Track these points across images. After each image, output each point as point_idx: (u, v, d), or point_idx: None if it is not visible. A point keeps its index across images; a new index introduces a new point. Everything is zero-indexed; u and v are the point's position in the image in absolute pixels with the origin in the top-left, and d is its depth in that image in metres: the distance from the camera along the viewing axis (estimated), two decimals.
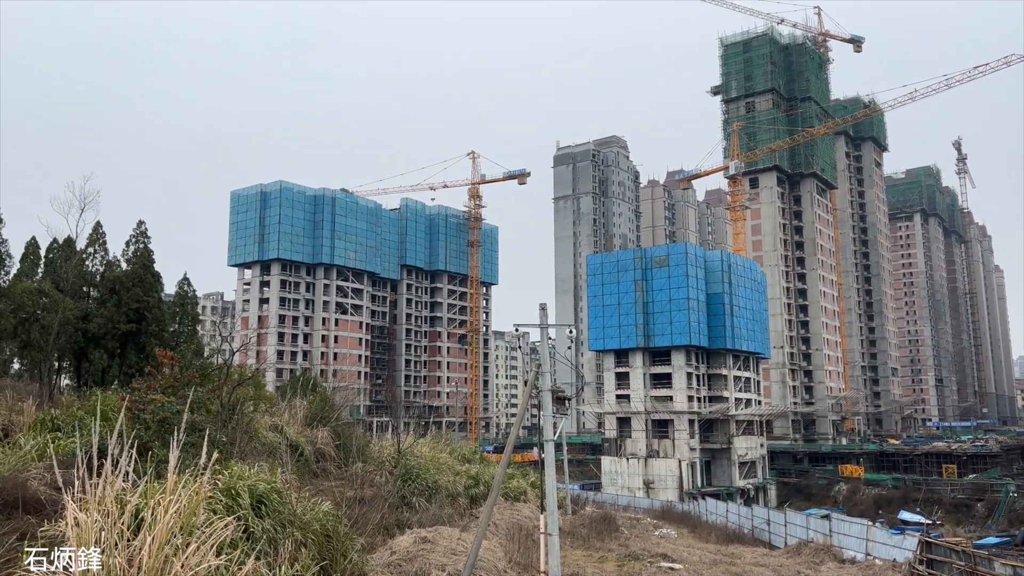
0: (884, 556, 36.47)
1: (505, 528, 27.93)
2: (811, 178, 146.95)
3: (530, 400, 20.67)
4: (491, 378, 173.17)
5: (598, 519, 38.79)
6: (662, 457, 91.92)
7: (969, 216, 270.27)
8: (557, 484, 47.62)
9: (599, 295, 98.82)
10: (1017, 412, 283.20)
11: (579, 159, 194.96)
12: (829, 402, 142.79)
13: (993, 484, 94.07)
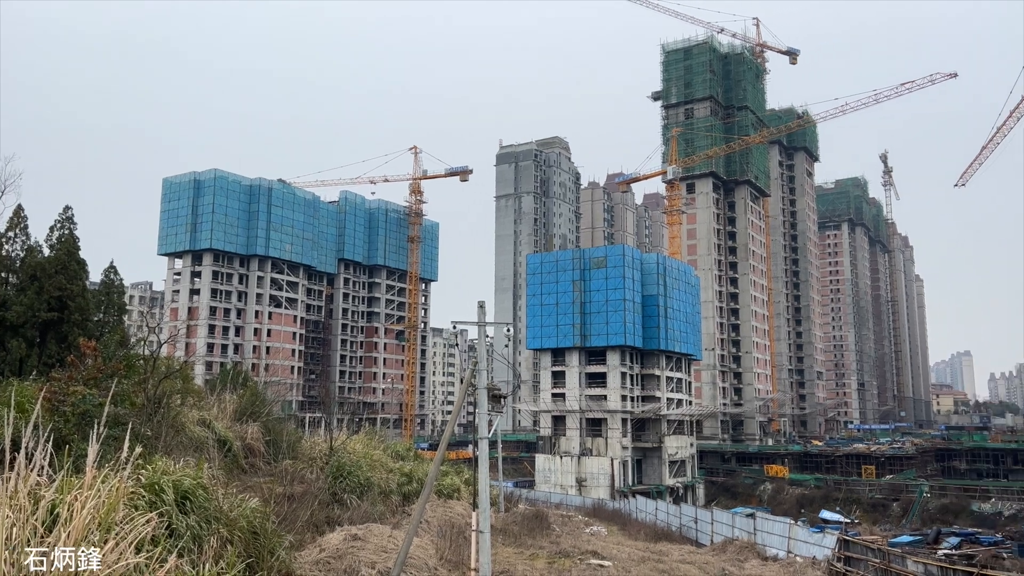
0: (805, 554, 37.72)
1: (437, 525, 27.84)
2: (745, 185, 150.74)
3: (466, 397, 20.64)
4: (428, 375, 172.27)
5: (530, 517, 38.97)
6: (595, 455, 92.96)
7: (893, 227, 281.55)
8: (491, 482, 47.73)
9: (538, 294, 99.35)
10: (932, 416, 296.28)
11: (521, 158, 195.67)
12: (757, 404, 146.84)
13: (908, 485, 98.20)
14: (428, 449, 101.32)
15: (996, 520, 79.94)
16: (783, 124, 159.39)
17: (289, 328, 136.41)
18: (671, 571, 29.58)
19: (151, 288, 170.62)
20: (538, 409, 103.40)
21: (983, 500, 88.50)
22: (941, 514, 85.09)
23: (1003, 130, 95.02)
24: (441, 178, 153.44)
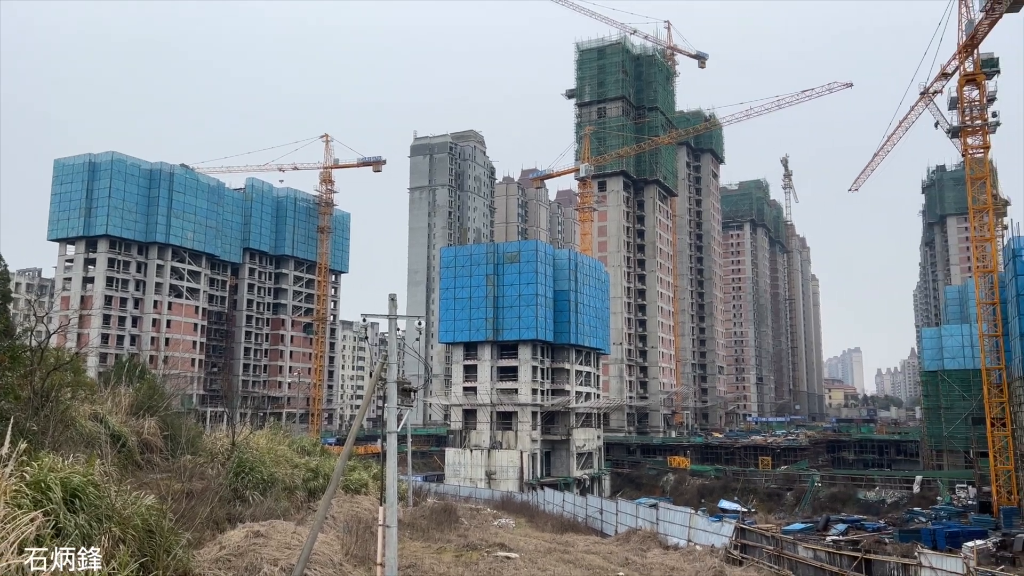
0: (704, 542, 39.12)
1: (344, 521, 27.49)
2: (654, 185, 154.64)
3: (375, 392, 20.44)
4: (337, 369, 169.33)
5: (439, 510, 38.96)
6: (505, 448, 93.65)
7: (792, 228, 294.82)
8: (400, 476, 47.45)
9: (451, 288, 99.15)
10: (825, 409, 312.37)
11: (436, 151, 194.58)
12: (661, 397, 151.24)
13: (801, 475, 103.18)
14: (336, 444, 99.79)
15: (880, 507, 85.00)
16: (691, 126, 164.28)
17: (190, 319, 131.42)
18: (576, 561, 30.14)
19: (40, 275, 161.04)
20: (449, 403, 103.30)
21: (868, 489, 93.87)
22: (831, 502, 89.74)
23: (892, 139, 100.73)
24: (353, 168, 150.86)
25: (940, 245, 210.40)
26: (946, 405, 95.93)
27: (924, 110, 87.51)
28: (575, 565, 29.17)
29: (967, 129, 73.91)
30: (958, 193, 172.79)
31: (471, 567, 25.97)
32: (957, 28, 73.07)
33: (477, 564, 26.64)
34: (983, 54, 75.18)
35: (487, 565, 26.47)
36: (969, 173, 75.49)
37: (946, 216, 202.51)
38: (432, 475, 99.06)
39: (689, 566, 31.63)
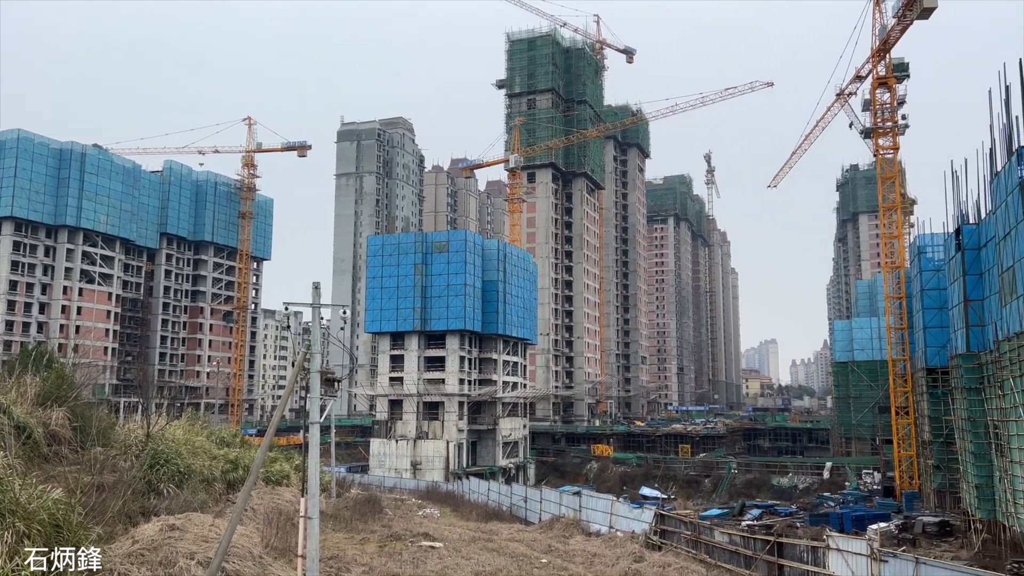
0: (625, 528, 39.93)
1: (264, 513, 27.03)
2: (582, 177, 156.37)
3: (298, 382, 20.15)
4: (258, 358, 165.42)
5: (363, 501, 38.70)
6: (431, 439, 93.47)
7: (713, 223, 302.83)
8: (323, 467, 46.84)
9: (378, 277, 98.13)
10: (742, 398, 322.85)
11: (364, 137, 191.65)
12: (586, 386, 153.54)
13: (719, 462, 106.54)
14: (256, 435, 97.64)
15: (792, 493, 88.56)
16: (619, 120, 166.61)
17: (103, 306, 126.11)
18: (500, 549, 30.41)
19: None
20: (375, 393, 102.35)
21: (782, 475, 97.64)
22: (746, 488, 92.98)
23: (810, 138, 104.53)
24: (277, 152, 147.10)
25: (852, 241, 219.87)
26: (855, 395, 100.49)
27: (840, 111, 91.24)
28: (499, 553, 29.43)
29: (879, 130, 77.26)
30: (869, 192, 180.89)
31: (394, 557, 25.90)
32: (871, 33, 76.28)
33: (401, 554, 26.60)
34: (895, 59, 78.68)
35: (411, 555, 26.46)
36: (880, 172, 79.00)
37: (858, 214, 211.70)
38: (357, 466, 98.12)
39: (610, 552, 32.29)
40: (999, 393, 41.12)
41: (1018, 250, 35.93)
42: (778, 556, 31.27)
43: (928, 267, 60.54)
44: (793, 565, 30.61)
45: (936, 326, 59.13)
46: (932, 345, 59.73)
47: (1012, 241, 37.13)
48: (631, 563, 29.83)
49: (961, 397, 50.22)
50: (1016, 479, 38.61)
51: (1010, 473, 39.84)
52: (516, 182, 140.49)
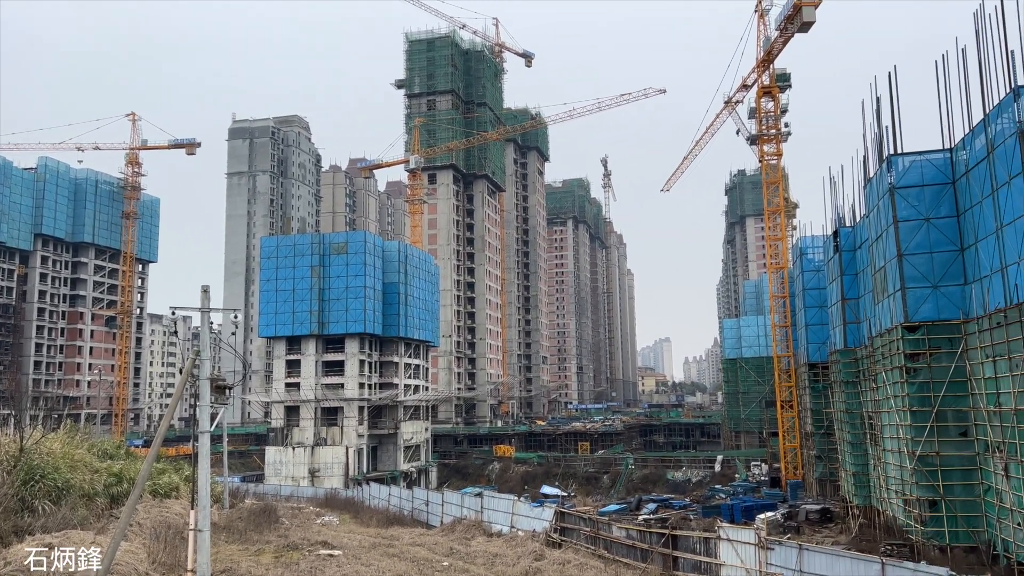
0: (527, 527, 40.37)
1: (151, 527, 25.83)
2: (483, 179, 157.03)
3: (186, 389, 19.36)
4: (145, 366, 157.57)
5: (257, 511, 37.55)
6: (330, 445, 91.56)
7: (610, 225, 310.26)
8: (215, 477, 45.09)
9: (273, 279, 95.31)
10: (638, 395, 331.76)
11: (257, 135, 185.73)
12: (489, 387, 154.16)
13: (617, 458, 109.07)
14: (143, 446, 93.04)
15: (686, 486, 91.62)
16: (518, 123, 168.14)
17: None
18: (401, 554, 30.15)
19: None
20: (270, 400, 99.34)
21: (676, 469, 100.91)
22: (643, 483, 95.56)
23: (700, 143, 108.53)
24: (164, 149, 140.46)
25: (740, 243, 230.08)
26: (743, 390, 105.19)
27: (728, 118, 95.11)
28: (400, 558, 29.17)
29: (763, 137, 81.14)
30: (755, 196, 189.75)
31: (291, 567, 25.26)
32: (756, 44, 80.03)
33: (298, 564, 25.96)
34: (777, 69, 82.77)
35: (308, 564, 25.86)
36: (765, 178, 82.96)
37: (745, 216, 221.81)
38: (251, 475, 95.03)
39: (511, 551, 32.56)
40: (873, 386, 43.96)
41: (889, 251, 38.49)
42: (673, 548, 32.35)
43: (809, 268, 64.02)
44: (687, 556, 31.73)
45: (817, 323, 62.61)
46: (813, 342, 63.19)
47: (883, 243, 39.76)
48: (532, 562, 30.16)
49: (839, 390, 53.40)
50: (888, 467, 41.38)
51: (883, 461, 42.65)
52: (417, 183, 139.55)
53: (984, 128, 32.74)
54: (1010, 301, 30.09)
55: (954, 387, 35.20)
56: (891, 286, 38.46)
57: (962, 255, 35.81)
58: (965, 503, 34.66)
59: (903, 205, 37.11)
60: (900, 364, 37.17)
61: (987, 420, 33.00)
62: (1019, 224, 29.21)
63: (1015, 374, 29.82)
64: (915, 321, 36.27)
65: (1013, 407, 30.08)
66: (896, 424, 38.75)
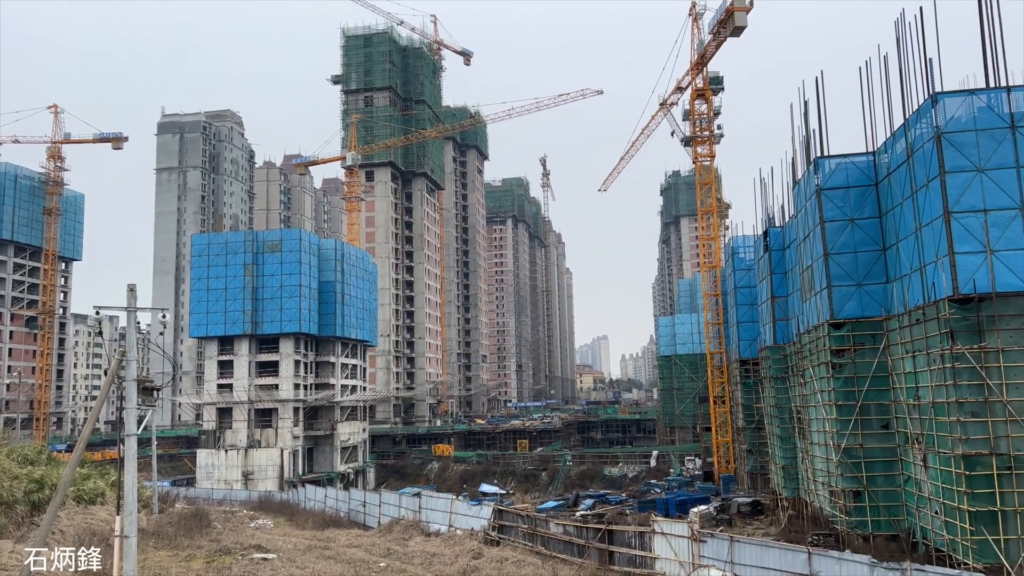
0: (465, 526, 40.36)
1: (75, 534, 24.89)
2: (422, 177, 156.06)
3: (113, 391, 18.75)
4: (68, 367, 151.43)
5: (188, 516, 36.57)
6: (264, 447, 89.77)
7: (549, 224, 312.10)
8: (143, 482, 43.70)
9: (204, 278, 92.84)
10: (577, 393, 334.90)
11: (188, 129, 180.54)
12: (428, 387, 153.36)
13: (555, 455, 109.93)
14: (66, 451, 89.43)
15: (623, 481, 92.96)
16: (457, 122, 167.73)
17: None
18: (338, 556, 29.77)
19: None
20: (202, 402, 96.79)
21: (613, 465, 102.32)
22: (581, 479, 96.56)
23: (636, 144, 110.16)
24: (89, 143, 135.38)
25: (675, 242, 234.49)
26: (678, 386, 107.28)
27: (663, 119, 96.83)
28: (336, 560, 28.80)
29: (697, 139, 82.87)
30: (690, 196, 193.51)
31: (223, 573, 24.68)
32: (690, 47, 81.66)
33: (231, 569, 25.38)
34: (711, 72, 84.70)
35: (241, 568, 25.31)
36: (698, 179, 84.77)
37: (680, 217, 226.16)
38: (182, 479, 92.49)
39: (449, 550, 32.48)
40: (801, 381, 45.39)
41: (816, 251, 39.79)
42: (609, 543, 32.79)
43: (741, 266, 65.68)
44: (623, 551, 32.21)
45: (748, 321, 64.32)
46: (744, 338, 64.89)
47: (811, 243, 41.09)
48: (470, 560, 30.16)
49: (769, 386, 54.94)
50: (815, 459, 42.78)
51: (810, 454, 44.09)
52: (354, 180, 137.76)
53: (904, 132, 34.10)
54: (928, 299, 31.42)
55: (877, 382, 36.58)
56: (817, 284, 39.76)
57: (884, 255, 37.25)
58: (887, 493, 36.09)
59: (829, 206, 38.38)
60: (826, 360, 38.45)
61: (907, 413, 34.42)
62: (936, 225, 30.53)
63: (933, 369, 31.16)
64: (840, 318, 37.56)
65: (931, 400, 31.44)
66: (822, 418, 40.09)
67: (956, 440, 29.13)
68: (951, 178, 29.90)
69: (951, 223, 29.57)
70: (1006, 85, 30.45)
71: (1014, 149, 29.82)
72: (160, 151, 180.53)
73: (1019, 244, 29.22)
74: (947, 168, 29.95)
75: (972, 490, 28.40)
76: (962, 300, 29.36)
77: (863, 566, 24.47)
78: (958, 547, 29.13)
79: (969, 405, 29.09)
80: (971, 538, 28.18)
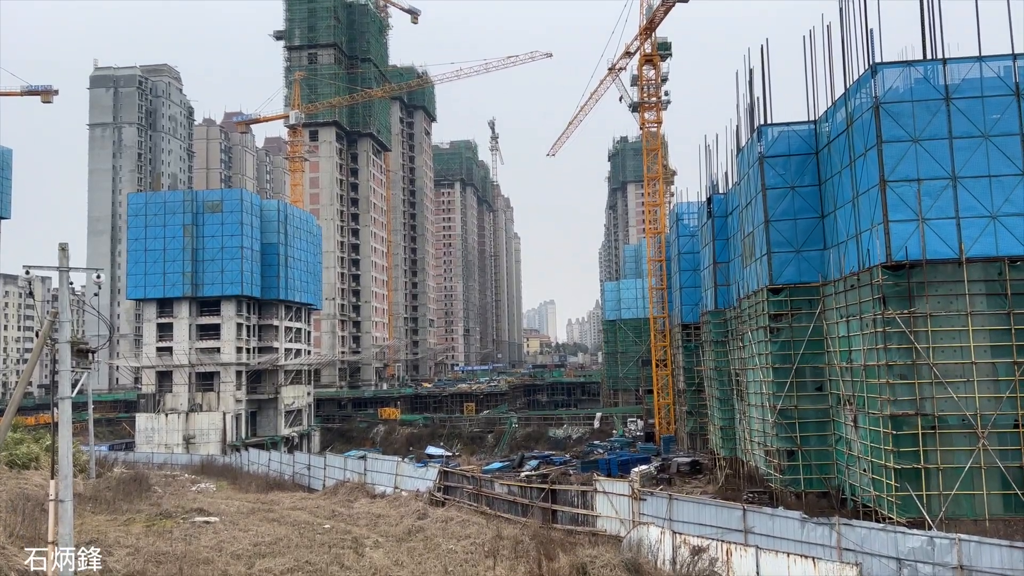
0: (411, 488, 40.62)
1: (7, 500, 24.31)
2: (368, 138, 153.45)
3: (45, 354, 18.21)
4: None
5: (127, 480, 36.02)
6: (206, 411, 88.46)
7: (498, 188, 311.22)
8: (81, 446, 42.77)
9: (142, 238, 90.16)
10: (524, 356, 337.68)
11: (123, 84, 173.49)
12: (374, 351, 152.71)
13: (501, 418, 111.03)
14: None
15: (567, 443, 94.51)
16: (404, 82, 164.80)
17: None
18: (282, 519, 29.72)
19: None
20: (140, 365, 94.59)
21: (558, 427, 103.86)
22: (526, 441, 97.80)
23: (585, 108, 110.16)
24: (16, 96, 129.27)
25: (621, 208, 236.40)
26: (622, 350, 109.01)
27: (612, 85, 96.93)
28: (280, 523, 28.75)
29: (644, 104, 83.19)
30: (637, 162, 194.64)
31: (164, 536, 24.42)
32: (639, 12, 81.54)
33: (171, 532, 25.13)
34: (659, 38, 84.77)
35: (183, 532, 25.08)
36: (645, 145, 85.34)
37: (627, 183, 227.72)
38: (121, 443, 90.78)
39: (395, 511, 32.70)
40: (740, 345, 46.63)
41: (757, 217, 40.64)
42: (552, 502, 33.44)
43: (685, 233, 66.70)
44: (565, 509, 32.89)
45: (691, 286, 65.56)
46: (687, 303, 66.18)
47: (752, 209, 41.93)
48: (415, 520, 30.43)
49: (709, 349, 56.34)
50: (752, 420, 44.20)
51: (747, 415, 45.51)
52: (297, 140, 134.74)
53: (845, 102, 34.85)
54: (863, 265, 32.50)
55: (812, 345, 37.84)
56: (758, 250, 40.68)
57: (822, 222, 38.29)
58: (819, 452, 37.58)
59: (771, 173, 39.16)
60: (765, 324, 39.54)
61: (840, 376, 35.75)
62: (873, 194, 31.45)
63: (865, 333, 32.36)
64: (779, 284, 38.61)
65: (863, 363, 32.70)
66: (760, 380, 41.35)
67: (885, 401, 30.38)
68: (888, 148, 30.74)
69: (886, 192, 30.47)
70: (942, 57, 31.28)
71: (947, 120, 30.76)
72: (93, 106, 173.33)
73: (949, 213, 30.33)
74: (884, 138, 30.76)
75: (898, 448, 29.74)
76: (895, 267, 30.44)
77: (795, 521, 25.55)
78: (884, 503, 30.58)
79: (898, 368, 30.31)
80: (896, 494, 29.59)
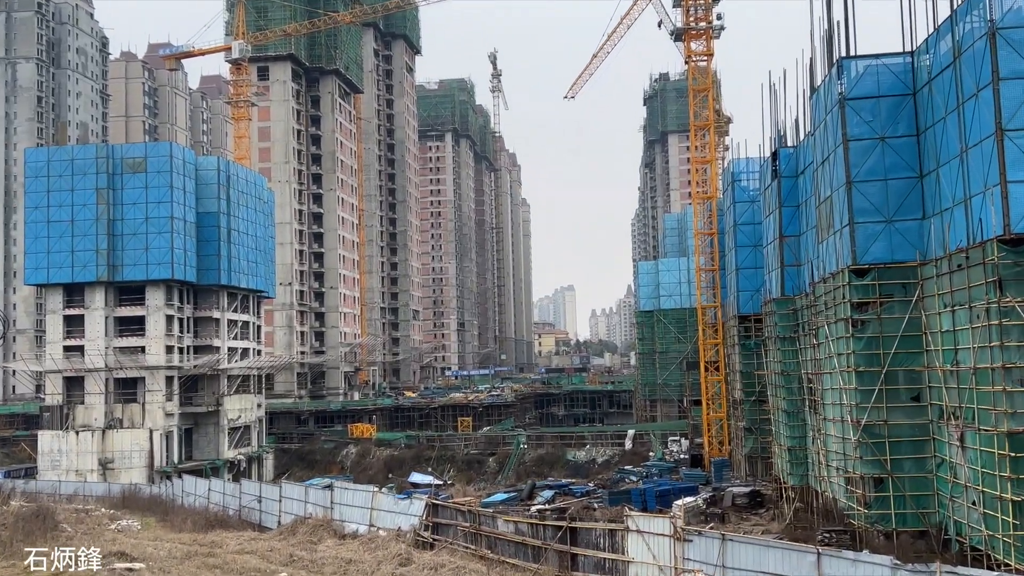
0: (390, 525, 40.81)
1: None
2: (333, 76, 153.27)
3: None
4: None
5: (27, 516, 36.39)
6: (128, 428, 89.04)
7: (501, 141, 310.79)
8: None
9: (43, 206, 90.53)
10: (534, 358, 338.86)
11: (16, 7, 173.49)
12: (342, 351, 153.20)
13: (506, 436, 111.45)
14: None
15: (591, 468, 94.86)
16: (380, 3, 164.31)
17: None
18: (226, 566, 29.93)
19: None
20: (44, 369, 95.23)
21: (579, 448, 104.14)
22: (538, 466, 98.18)
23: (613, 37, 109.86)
24: None
25: (661, 167, 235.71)
26: (661, 349, 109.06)
27: (648, 5, 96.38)
28: (223, 570, 28.98)
29: (691, 31, 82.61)
30: (681, 107, 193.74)
31: None
32: None
33: None
34: None
35: None
36: (692, 83, 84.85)
37: (668, 133, 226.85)
38: (19, 469, 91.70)
39: (370, 556, 32.88)
40: (814, 343, 46.41)
41: (837, 179, 40.24)
42: (572, 544, 33.49)
43: (743, 198, 66.35)
44: (588, 553, 32.95)
45: (750, 267, 65.28)
46: (745, 289, 65.94)
47: (830, 168, 41.53)
48: (395, 567, 30.63)
49: (774, 348, 56.08)
50: (829, 439, 44.04)
51: (823, 433, 45.35)
52: (243, 79, 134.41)
53: (951, 27, 34.19)
54: (973, 239, 31.96)
55: (907, 343, 37.44)
56: (838, 221, 40.34)
57: (921, 183, 37.83)
58: (915, 480, 37.41)
59: (855, 120, 38.69)
60: (846, 316, 39.27)
61: (943, 382, 35.42)
62: (986, 146, 30.89)
63: (975, 327, 31.85)
64: (864, 263, 38.21)
65: (973, 366, 32.24)
66: (839, 388, 41.16)
67: (1001, 415, 30.10)
68: (1006, 86, 30.15)
69: (1004, 143, 30.00)
70: None
71: None
72: None
73: None
74: (1001, 74, 30.19)
75: (1018, 475, 29.50)
76: (1015, 241, 30.02)
77: (884, 568, 25.46)
78: (998, 544, 30.46)
79: (1018, 371, 29.98)
80: (1015, 533, 29.42)
